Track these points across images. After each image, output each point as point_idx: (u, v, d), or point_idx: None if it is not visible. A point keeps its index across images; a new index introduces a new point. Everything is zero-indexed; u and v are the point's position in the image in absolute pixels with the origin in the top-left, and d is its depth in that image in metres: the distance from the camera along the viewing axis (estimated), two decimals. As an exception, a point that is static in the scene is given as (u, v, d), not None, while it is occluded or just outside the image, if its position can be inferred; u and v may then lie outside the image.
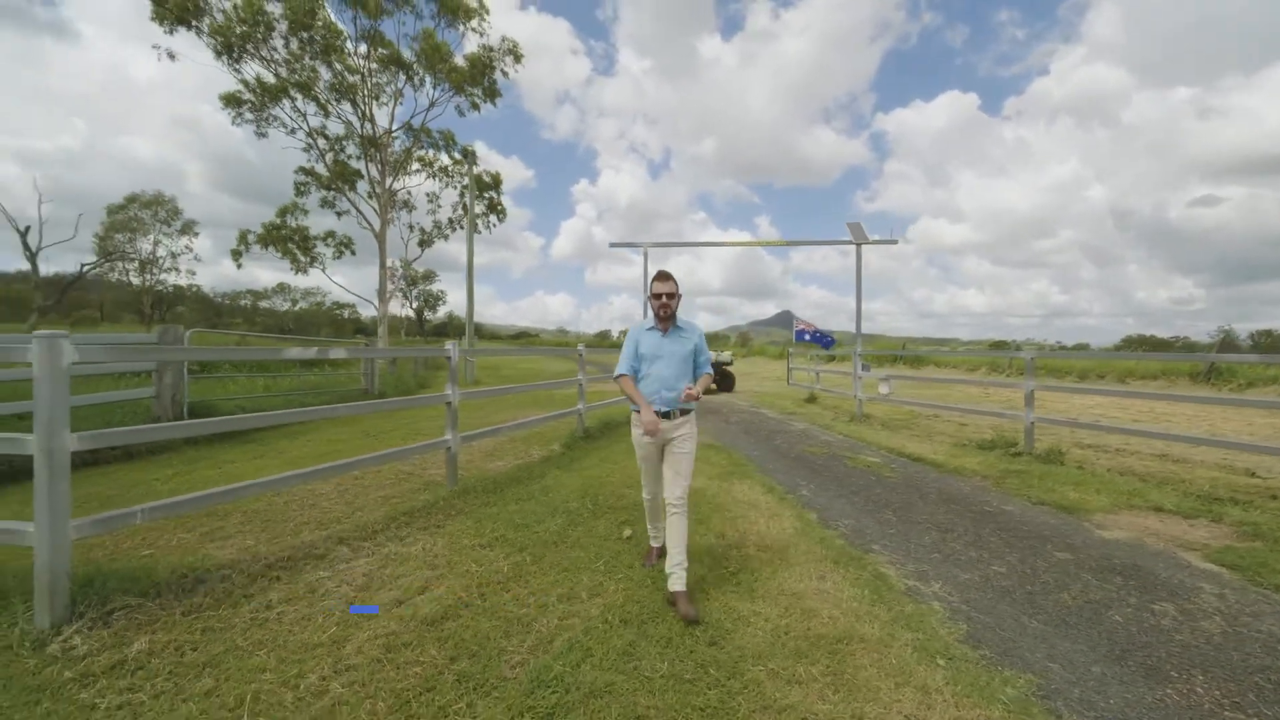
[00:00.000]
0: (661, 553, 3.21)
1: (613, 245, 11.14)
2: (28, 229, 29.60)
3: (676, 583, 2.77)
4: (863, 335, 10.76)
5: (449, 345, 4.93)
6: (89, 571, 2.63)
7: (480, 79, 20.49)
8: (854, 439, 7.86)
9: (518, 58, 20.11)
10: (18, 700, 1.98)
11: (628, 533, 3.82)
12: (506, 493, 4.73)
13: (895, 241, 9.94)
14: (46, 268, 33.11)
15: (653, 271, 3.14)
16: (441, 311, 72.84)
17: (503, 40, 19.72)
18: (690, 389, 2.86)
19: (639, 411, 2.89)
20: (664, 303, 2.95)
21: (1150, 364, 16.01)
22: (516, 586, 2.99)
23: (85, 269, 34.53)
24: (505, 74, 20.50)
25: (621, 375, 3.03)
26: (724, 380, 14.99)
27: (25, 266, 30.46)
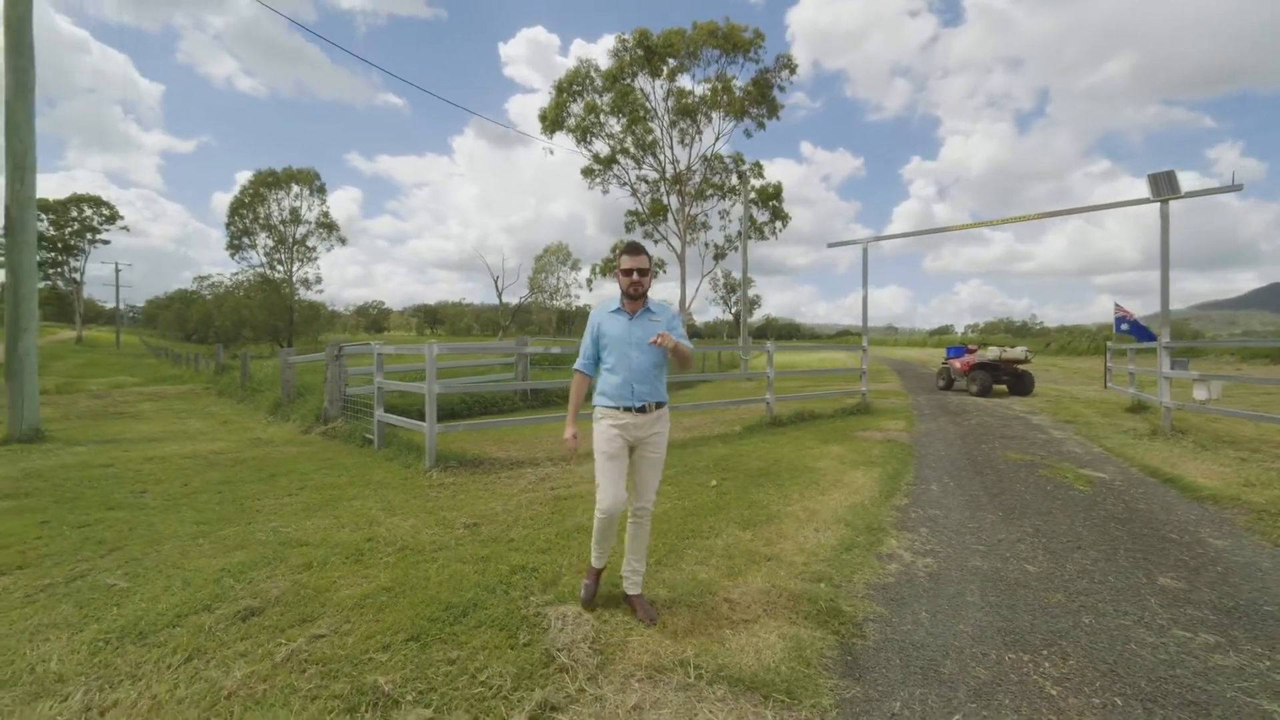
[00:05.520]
0: (598, 575, 2.77)
1: (830, 245, 11.11)
2: (497, 277, 47.37)
3: (632, 586, 2.70)
4: None
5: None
6: (443, 449, 5.72)
7: (761, 99, 22.36)
8: (1109, 453, 6.31)
9: (792, 70, 21.11)
10: (415, 492, 4.91)
11: (714, 482, 5.04)
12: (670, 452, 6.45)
13: (1239, 188, 6.82)
14: (508, 299, 51.88)
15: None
16: (758, 314, 78.52)
17: (777, 59, 21.10)
18: (660, 336, 2.47)
19: (608, 408, 2.60)
20: (635, 280, 2.59)
21: None
22: (615, 496, 4.74)
23: (523, 299, 52.67)
24: (782, 88, 21.80)
25: (576, 372, 2.78)
26: (1016, 382, 12.58)
27: (495, 301, 48.60)
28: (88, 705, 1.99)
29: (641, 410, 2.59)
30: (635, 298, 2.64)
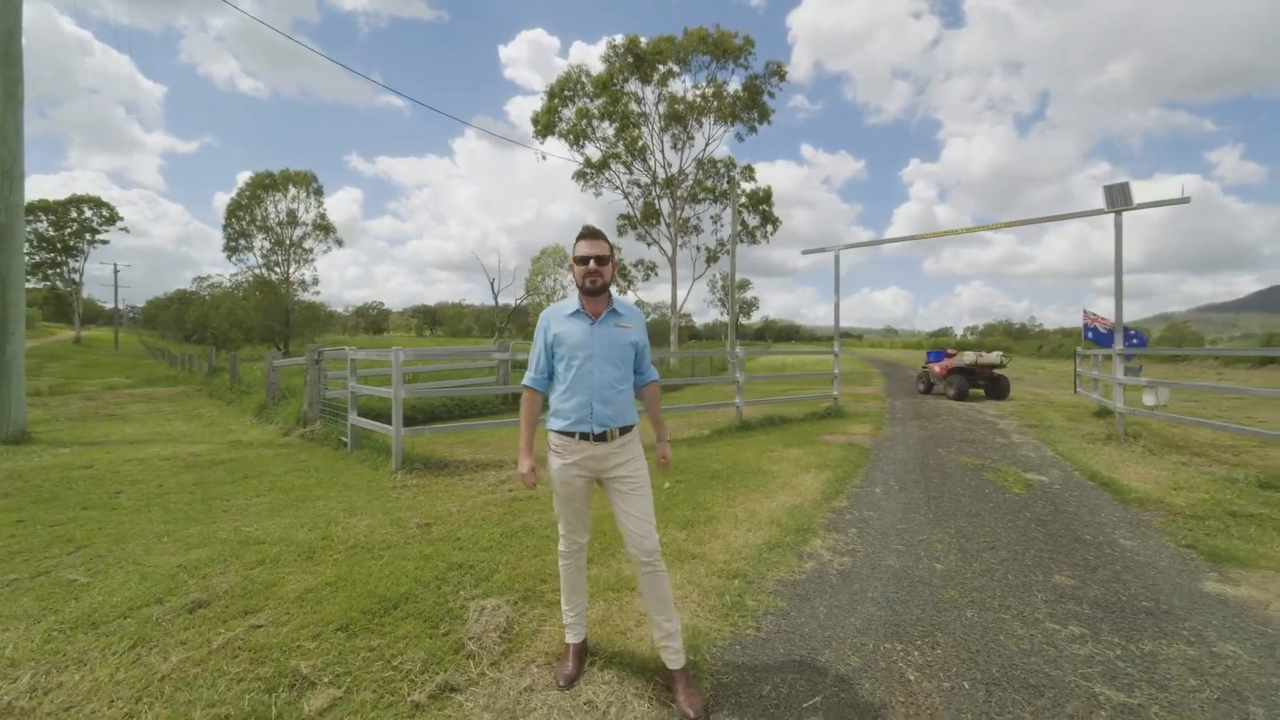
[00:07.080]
0: (578, 655, 2.31)
1: (805, 252, 11.32)
2: (493, 279, 47.64)
3: (675, 659, 2.16)
4: None
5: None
6: (409, 452, 5.94)
7: (752, 104, 22.62)
8: (1060, 457, 6.52)
9: (781, 76, 21.37)
10: (378, 493, 5.12)
11: (667, 485, 5.25)
12: (630, 454, 6.67)
13: (1186, 200, 7.03)
14: (504, 300, 52.22)
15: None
16: (756, 316, 79.49)
17: (766, 65, 21.37)
18: (665, 451, 2.32)
19: (562, 436, 2.19)
20: (592, 270, 2.11)
21: None
22: (570, 497, 4.95)
23: (518, 300, 53.00)
24: (772, 94, 22.05)
25: (525, 389, 2.32)
26: (993, 385, 12.81)
27: (492, 302, 48.96)
28: (34, 686, 2.20)
29: (602, 438, 2.14)
30: (595, 293, 2.14)
